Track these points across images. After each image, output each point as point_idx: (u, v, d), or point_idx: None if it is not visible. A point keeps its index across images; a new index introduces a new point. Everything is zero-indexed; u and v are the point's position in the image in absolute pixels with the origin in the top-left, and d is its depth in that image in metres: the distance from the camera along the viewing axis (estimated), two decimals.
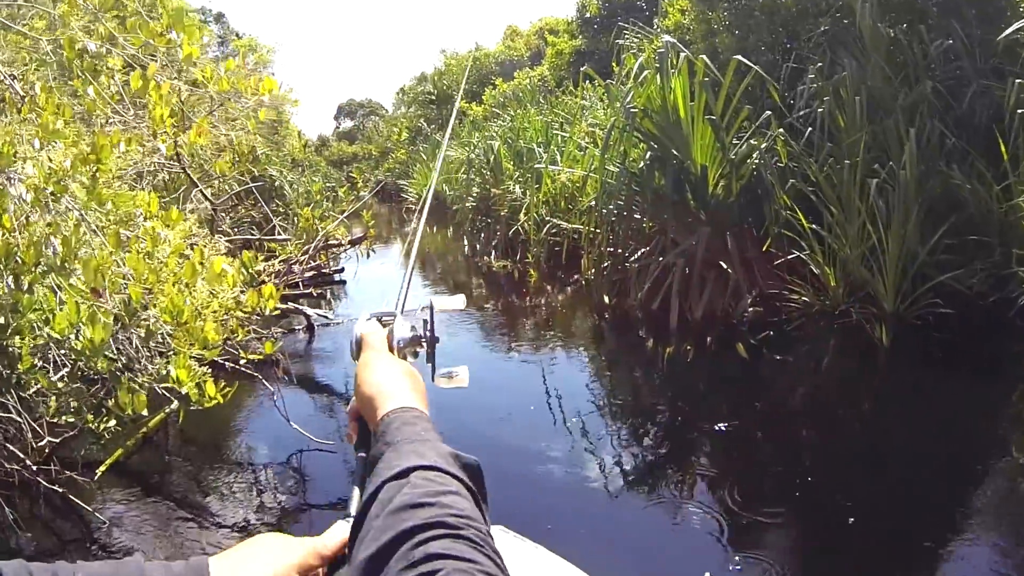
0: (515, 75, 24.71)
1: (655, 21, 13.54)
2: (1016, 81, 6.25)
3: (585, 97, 13.65)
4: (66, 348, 2.39)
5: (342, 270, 11.72)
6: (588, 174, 10.01)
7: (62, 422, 2.81)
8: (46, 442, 3.50)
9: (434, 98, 33.79)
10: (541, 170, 11.66)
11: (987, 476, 4.45)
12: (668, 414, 5.83)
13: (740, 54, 7.86)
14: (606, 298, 8.78)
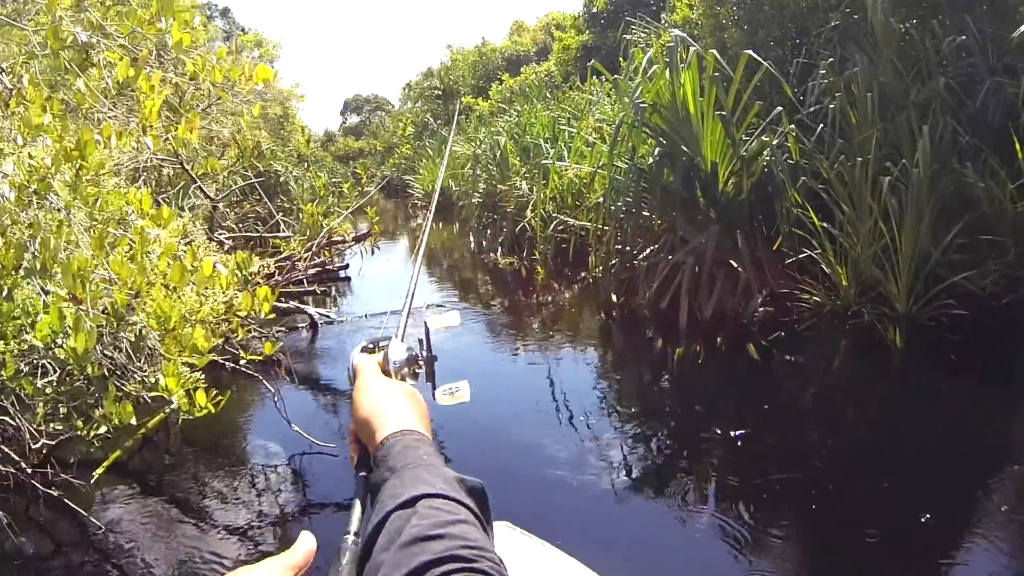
0: (521, 70, 24.64)
1: (662, 16, 13.44)
2: None
3: (592, 92, 13.55)
4: (49, 357, 2.30)
5: (347, 266, 11.66)
6: (596, 170, 9.89)
7: (50, 429, 2.72)
8: (42, 444, 3.40)
9: (440, 93, 33.74)
10: (548, 166, 11.55)
11: (1002, 482, 4.35)
12: (677, 415, 5.74)
13: (749, 49, 7.73)
14: (614, 296, 8.68)
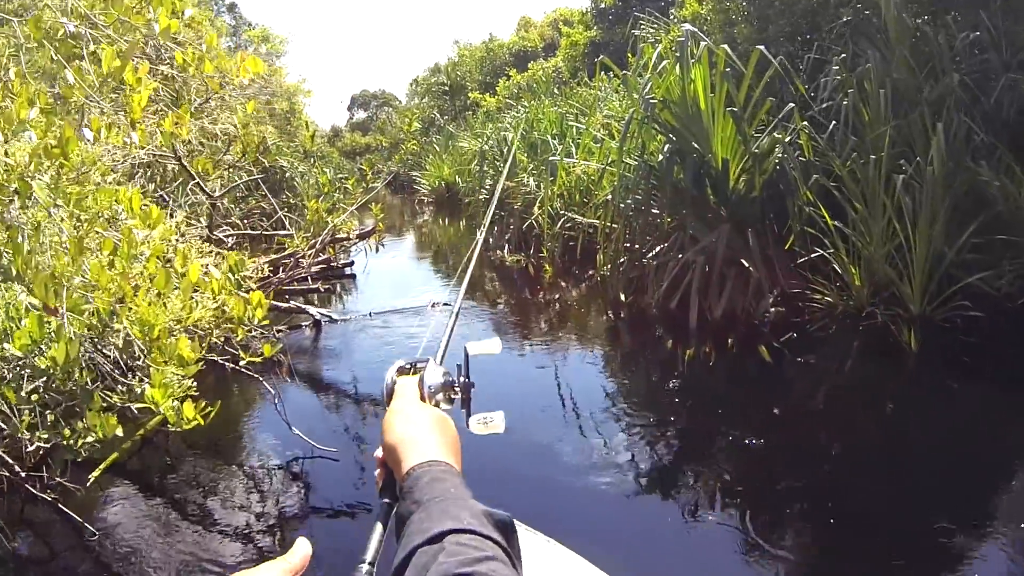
0: (529, 66, 24.56)
1: (671, 12, 13.33)
2: None
3: (600, 89, 13.44)
4: (29, 366, 2.21)
5: (352, 263, 11.59)
6: (605, 167, 9.77)
7: (35, 438, 2.62)
8: (37, 446, 3.31)
9: (447, 89, 33.68)
10: (556, 162, 11.44)
11: (1018, 486, 4.28)
12: (686, 417, 5.64)
13: (758, 45, 7.61)
14: (622, 295, 8.56)
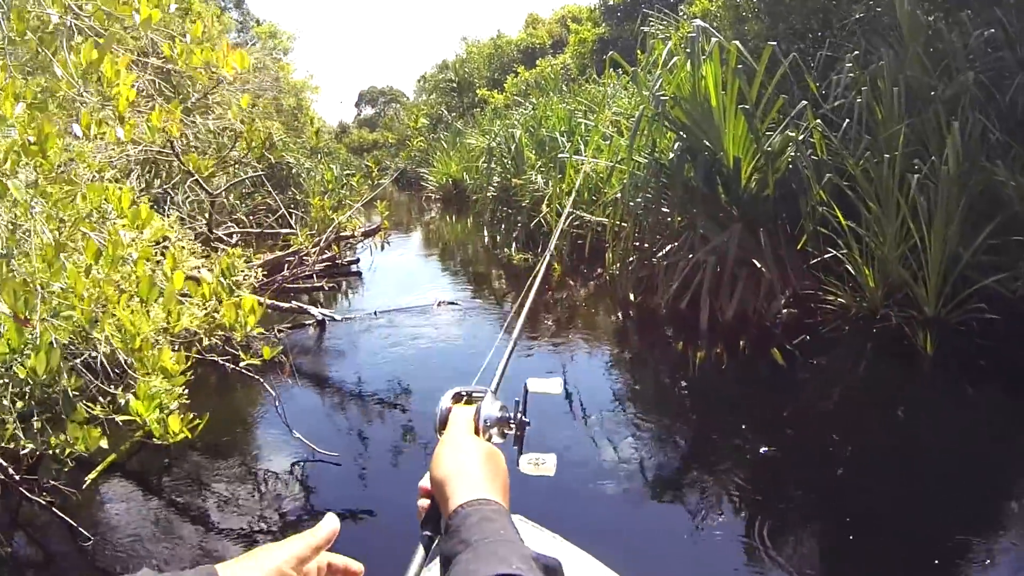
0: (537, 63, 24.47)
1: (680, 8, 13.22)
2: None
3: (609, 86, 13.33)
4: (8, 376, 2.12)
5: (357, 261, 11.51)
6: (614, 165, 9.66)
7: (19, 447, 2.52)
8: (31, 448, 3.22)
9: (455, 86, 33.60)
10: (564, 160, 11.33)
11: None
12: (696, 420, 5.58)
13: (769, 42, 7.49)
14: (631, 295, 8.46)
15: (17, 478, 3.39)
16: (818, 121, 7.21)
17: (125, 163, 5.12)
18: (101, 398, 2.51)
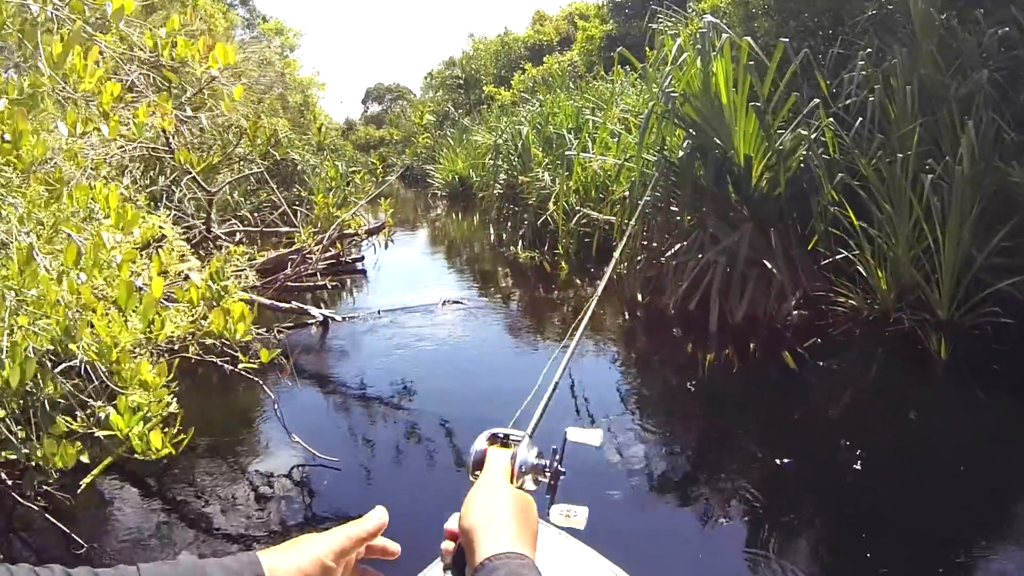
0: (544, 60, 24.38)
1: (689, 5, 13.10)
2: None
3: (617, 83, 13.22)
4: None
5: (362, 258, 11.41)
6: (622, 162, 9.54)
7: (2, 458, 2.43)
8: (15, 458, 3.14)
9: (462, 83, 33.53)
10: (571, 157, 11.21)
11: None
12: (705, 423, 5.50)
13: (781, 39, 7.37)
14: (639, 295, 8.35)
15: (9, 483, 3.31)
16: (830, 119, 7.10)
17: (120, 160, 5.03)
18: (81, 411, 2.41)
